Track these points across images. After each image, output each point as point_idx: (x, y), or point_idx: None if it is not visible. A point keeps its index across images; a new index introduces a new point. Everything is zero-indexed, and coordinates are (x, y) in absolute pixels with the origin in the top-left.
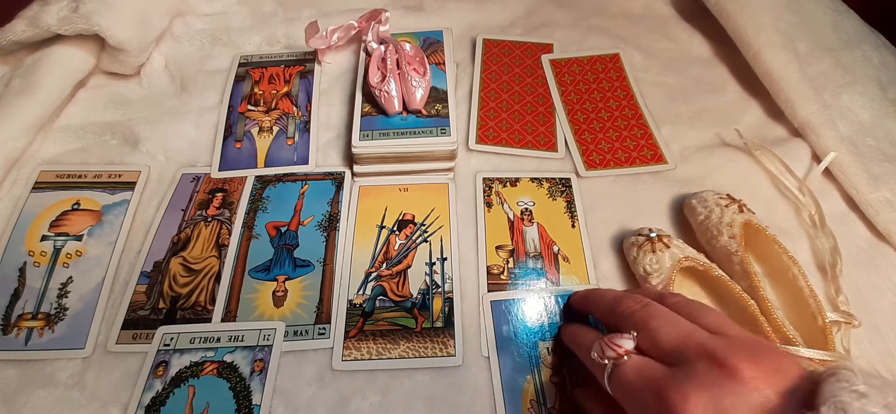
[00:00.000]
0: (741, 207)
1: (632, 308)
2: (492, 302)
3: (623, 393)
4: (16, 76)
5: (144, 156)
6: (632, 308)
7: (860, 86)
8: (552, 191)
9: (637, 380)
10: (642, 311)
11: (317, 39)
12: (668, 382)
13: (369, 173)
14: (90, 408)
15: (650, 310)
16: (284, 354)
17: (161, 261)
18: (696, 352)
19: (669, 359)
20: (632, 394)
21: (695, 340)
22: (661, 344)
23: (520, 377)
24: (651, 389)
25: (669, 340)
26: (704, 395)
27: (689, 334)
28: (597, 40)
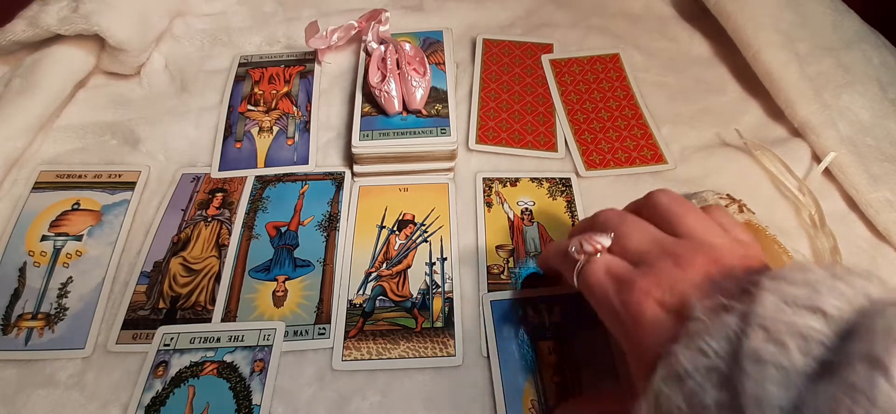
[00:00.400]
0: (741, 207)
1: (607, 216)
2: (492, 302)
3: (590, 288)
4: (16, 76)
5: (144, 156)
6: (607, 216)
7: (860, 86)
8: (552, 191)
9: (605, 275)
10: (617, 217)
11: (317, 39)
12: (633, 275)
13: (369, 173)
14: (90, 408)
15: (625, 217)
16: (284, 354)
17: (161, 261)
18: (657, 253)
19: (634, 261)
20: (598, 288)
21: (658, 244)
22: (629, 247)
23: (521, 377)
24: (616, 280)
25: (636, 244)
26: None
27: (654, 240)
28: (597, 40)
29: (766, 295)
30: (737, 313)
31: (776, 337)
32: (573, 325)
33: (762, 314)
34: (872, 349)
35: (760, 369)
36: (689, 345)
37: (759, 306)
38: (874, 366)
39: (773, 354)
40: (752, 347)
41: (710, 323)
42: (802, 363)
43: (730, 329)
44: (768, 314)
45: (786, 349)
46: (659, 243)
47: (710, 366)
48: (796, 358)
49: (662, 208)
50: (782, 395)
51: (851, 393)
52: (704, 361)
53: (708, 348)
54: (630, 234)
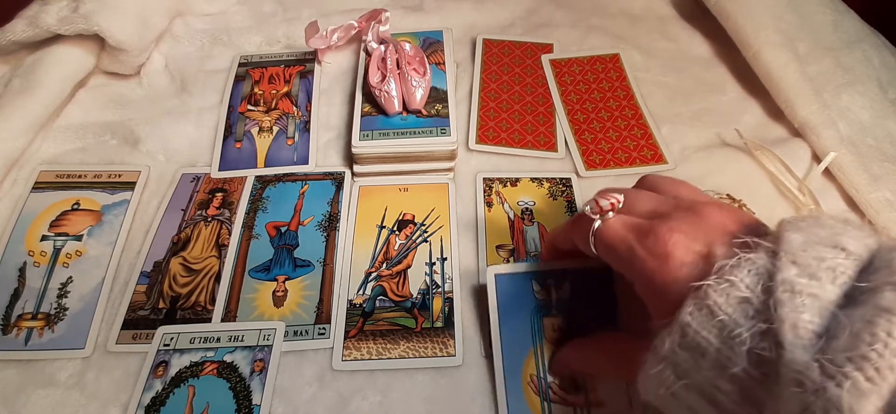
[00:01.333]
0: (741, 207)
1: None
2: (497, 275)
3: (608, 243)
4: (16, 76)
5: (144, 156)
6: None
7: (860, 86)
8: (553, 191)
9: (622, 227)
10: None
11: (317, 39)
12: (654, 223)
13: (369, 173)
14: (90, 408)
15: (628, 190)
16: (284, 354)
17: (161, 261)
18: (670, 207)
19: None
20: (617, 241)
21: (669, 203)
22: (640, 210)
23: (522, 351)
24: (636, 230)
25: (647, 205)
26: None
27: (663, 200)
28: (597, 40)
29: (792, 234)
30: (764, 250)
31: (808, 269)
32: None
33: (791, 250)
34: None
35: (794, 298)
36: (719, 280)
37: (786, 243)
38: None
39: (806, 285)
40: (786, 277)
41: (741, 260)
42: (833, 293)
43: (759, 265)
44: (797, 250)
45: (818, 280)
46: (669, 202)
47: (743, 298)
48: (828, 288)
49: (656, 183)
50: (816, 321)
51: (885, 314)
52: (736, 294)
53: (741, 282)
54: (637, 199)
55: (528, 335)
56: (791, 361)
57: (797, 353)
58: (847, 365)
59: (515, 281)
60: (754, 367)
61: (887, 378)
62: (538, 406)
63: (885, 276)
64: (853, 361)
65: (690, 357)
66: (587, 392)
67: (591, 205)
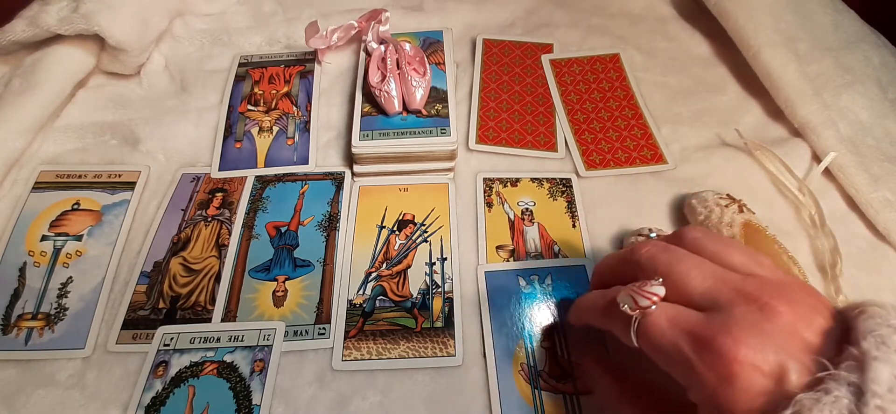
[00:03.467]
0: (741, 207)
1: (651, 253)
2: (487, 272)
3: (655, 344)
4: (16, 76)
5: (144, 156)
6: (651, 253)
7: (860, 86)
8: (553, 191)
9: (672, 329)
10: (664, 255)
11: (317, 39)
12: (712, 329)
13: (369, 173)
14: (90, 408)
15: (674, 254)
16: (284, 354)
17: (161, 261)
18: (730, 296)
19: (701, 304)
20: (667, 344)
21: (728, 283)
22: (691, 289)
23: (512, 342)
24: (691, 336)
25: (700, 285)
26: (754, 336)
27: (720, 278)
28: (597, 40)
29: (878, 367)
30: (846, 385)
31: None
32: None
33: (878, 392)
34: None
35: None
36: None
37: (872, 383)
38: None
39: None
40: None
41: (821, 396)
42: None
43: (842, 405)
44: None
45: None
46: (725, 281)
47: None
48: None
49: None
50: None
51: None
52: None
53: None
54: (688, 273)
55: (518, 327)
56: None
57: None
58: None
59: (504, 277)
60: None
61: None
62: (528, 394)
63: None
64: None
65: None
66: (575, 380)
67: (628, 301)
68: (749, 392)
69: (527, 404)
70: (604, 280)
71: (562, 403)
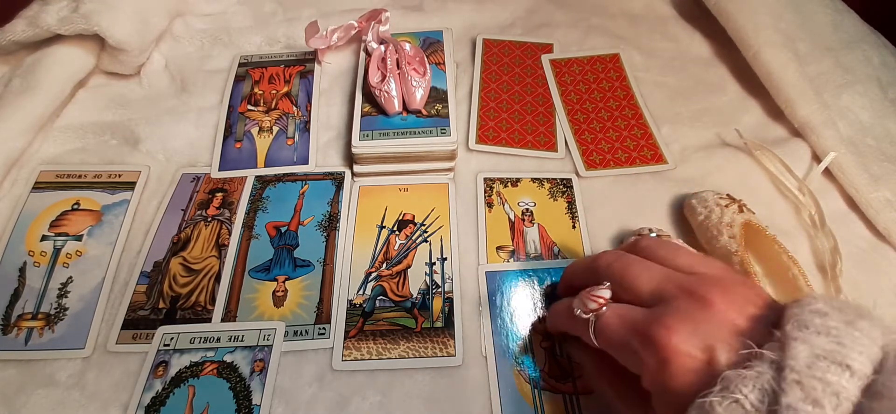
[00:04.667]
0: (741, 207)
1: (608, 261)
2: (487, 272)
3: (609, 341)
4: (16, 76)
5: (144, 156)
6: (608, 261)
7: (860, 86)
8: (553, 191)
9: (621, 326)
10: (618, 262)
11: (317, 39)
12: (650, 320)
13: (369, 173)
14: (90, 408)
15: (625, 260)
16: (284, 354)
17: (161, 261)
18: (672, 291)
19: (650, 302)
20: (618, 340)
21: (671, 281)
22: (641, 290)
23: (512, 343)
24: (635, 330)
25: (648, 285)
26: (685, 323)
27: (664, 277)
28: (597, 40)
29: (797, 346)
30: (769, 362)
31: (812, 395)
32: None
33: (796, 367)
34: None
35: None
36: (725, 395)
37: (791, 359)
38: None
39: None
40: (790, 402)
41: (744, 372)
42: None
43: (764, 380)
44: (802, 369)
45: (822, 408)
46: (670, 279)
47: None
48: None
49: (653, 250)
50: None
51: None
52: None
53: (744, 400)
54: (637, 275)
55: (517, 327)
56: None
57: None
58: None
59: (504, 277)
60: None
61: None
62: (529, 394)
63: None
64: None
65: None
66: (575, 380)
67: (580, 306)
68: (683, 373)
69: (527, 404)
70: (571, 283)
71: (561, 402)
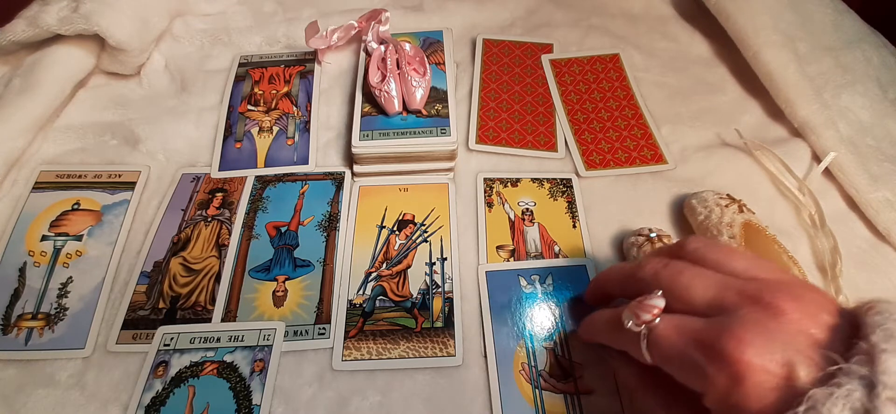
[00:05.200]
0: (741, 207)
1: (654, 269)
2: (487, 272)
3: (666, 355)
4: (16, 76)
5: (144, 156)
6: (654, 269)
7: (860, 86)
8: (553, 191)
9: (679, 338)
10: (666, 270)
11: (317, 39)
12: (716, 331)
13: (369, 173)
14: (90, 408)
15: (675, 267)
16: (284, 354)
17: (161, 261)
18: (734, 300)
19: (707, 313)
20: (676, 353)
21: (731, 289)
22: (695, 299)
23: (512, 342)
24: (698, 342)
25: (704, 294)
26: (759, 335)
27: (722, 285)
28: (597, 40)
29: (889, 359)
30: (858, 379)
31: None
32: (563, 293)
33: (890, 384)
34: None
35: None
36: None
37: (883, 374)
38: None
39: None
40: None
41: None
42: None
43: (855, 398)
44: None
45: None
46: (730, 287)
47: None
48: None
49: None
50: None
51: None
52: None
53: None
54: (690, 283)
55: (518, 327)
56: None
57: None
58: None
59: (505, 277)
60: None
61: None
62: (530, 394)
63: None
64: None
65: None
66: (576, 380)
67: (631, 318)
68: (759, 391)
69: (528, 405)
70: (606, 290)
71: (562, 402)
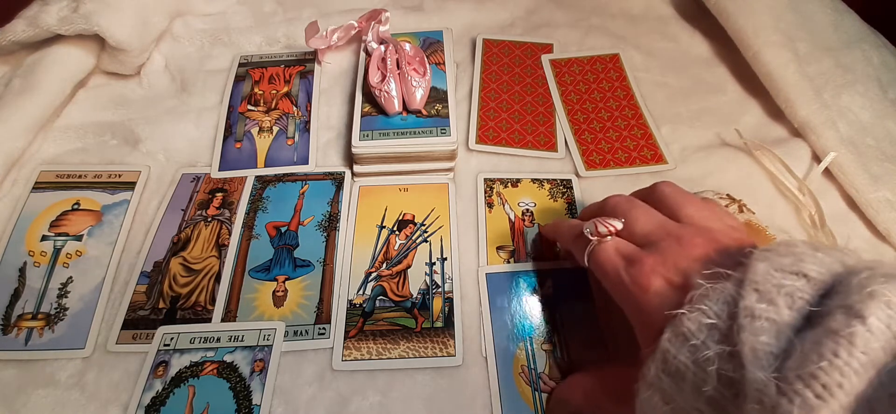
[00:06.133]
0: (741, 207)
1: (617, 201)
2: (487, 274)
3: (600, 266)
4: (16, 76)
5: (144, 156)
6: (617, 201)
7: (860, 86)
8: (553, 192)
9: (615, 255)
10: (626, 203)
11: (317, 39)
12: (640, 253)
13: (369, 173)
14: (90, 408)
15: (633, 202)
16: (284, 354)
17: (161, 261)
18: (661, 236)
19: (641, 243)
20: (610, 268)
21: (664, 228)
22: (636, 231)
23: (512, 345)
24: (626, 259)
25: (642, 228)
26: (668, 256)
27: (660, 225)
28: (597, 40)
29: (758, 263)
30: (733, 280)
31: (767, 296)
32: (563, 296)
33: (754, 279)
34: (848, 301)
35: (754, 323)
36: (692, 309)
37: (751, 273)
38: (850, 314)
39: (765, 310)
40: (747, 305)
41: (711, 290)
42: (789, 316)
43: (727, 293)
44: (759, 278)
45: (775, 305)
46: (663, 227)
47: (711, 325)
48: (784, 312)
49: (665, 196)
50: (773, 343)
51: (833, 336)
52: (706, 321)
53: (709, 310)
54: (637, 218)
55: (518, 329)
56: (752, 380)
57: (756, 372)
58: (797, 383)
59: (505, 279)
60: (725, 387)
61: (836, 395)
62: (529, 396)
63: (840, 299)
64: (803, 379)
65: (673, 382)
66: None
67: (591, 227)
68: (659, 296)
69: (527, 407)
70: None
71: None
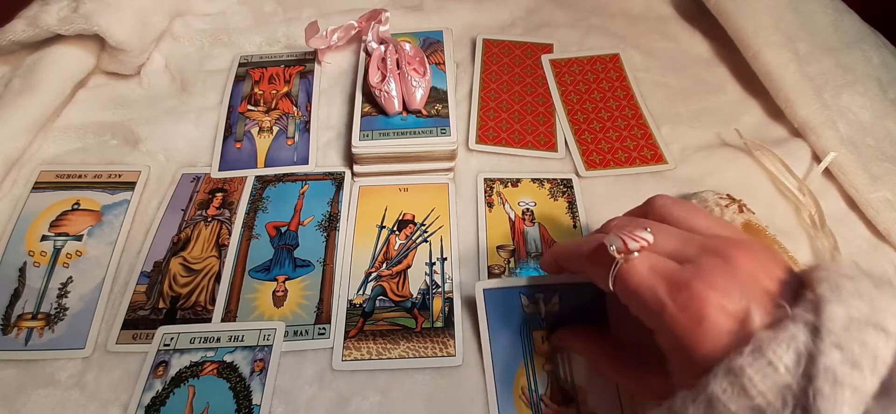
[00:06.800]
0: (741, 207)
1: (620, 223)
2: (485, 290)
3: (632, 288)
4: (16, 76)
5: (144, 156)
6: (620, 223)
7: (860, 86)
8: (553, 191)
9: (650, 274)
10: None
11: (317, 39)
12: (687, 274)
13: (369, 173)
14: (90, 408)
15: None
16: (284, 354)
17: (161, 261)
18: (696, 251)
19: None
20: (644, 289)
21: (692, 243)
22: (664, 247)
23: (512, 365)
24: (667, 280)
25: (667, 246)
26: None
27: (684, 239)
28: (597, 40)
29: (834, 307)
30: (803, 324)
31: (850, 356)
32: (569, 315)
33: (834, 330)
34: None
35: (837, 390)
36: (756, 356)
37: (828, 321)
38: None
39: (849, 375)
40: (828, 365)
41: (778, 334)
42: (871, 384)
43: (800, 342)
44: (839, 331)
45: (861, 370)
46: (691, 242)
47: (782, 383)
48: (868, 379)
49: (668, 211)
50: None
51: None
52: (776, 378)
53: (778, 362)
54: (657, 233)
55: (519, 349)
56: None
57: None
58: None
59: (504, 295)
60: None
61: None
62: None
63: None
64: None
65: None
66: (579, 404)
67: (617, 242)
68: (715, 332)
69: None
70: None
71: None
